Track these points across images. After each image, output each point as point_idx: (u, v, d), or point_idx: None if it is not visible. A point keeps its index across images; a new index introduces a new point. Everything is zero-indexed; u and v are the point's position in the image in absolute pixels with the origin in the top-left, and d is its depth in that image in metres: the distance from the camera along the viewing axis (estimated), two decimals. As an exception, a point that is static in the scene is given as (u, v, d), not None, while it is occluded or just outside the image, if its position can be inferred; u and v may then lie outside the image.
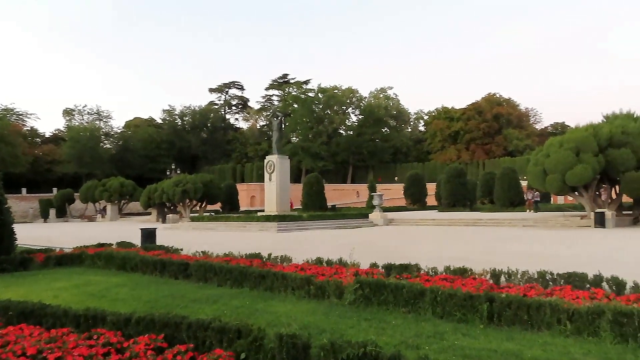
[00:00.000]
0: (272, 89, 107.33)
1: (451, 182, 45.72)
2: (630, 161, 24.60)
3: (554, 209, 36.58)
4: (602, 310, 6.19)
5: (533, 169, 27.41)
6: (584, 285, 8.06)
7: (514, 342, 6.06)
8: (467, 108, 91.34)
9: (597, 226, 24.56)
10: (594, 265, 9.87)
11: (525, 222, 28.38)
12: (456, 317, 7.12)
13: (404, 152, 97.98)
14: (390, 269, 9.82)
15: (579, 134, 25.73)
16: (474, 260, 11.93)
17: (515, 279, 8.85)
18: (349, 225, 31.48)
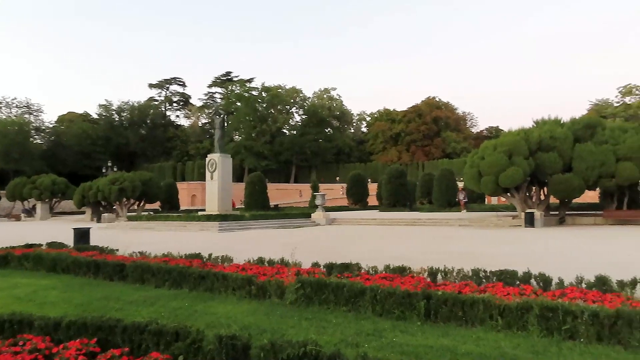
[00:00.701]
0: (215, 86, 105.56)
1: (392, 182, 46.68)
2: (557, 164, 26.06)
3: (488, 209, 38.16)
4: (530, 305, 6.53)
5: (469, 171, 28.46)
6: (515, 282, 8.47)
7: (449, 338, 6.27)
8: (408, 110, 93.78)
9: (527, 226, 25.84)
10: (524, 263, 10.40)
11: (462, 221, 29.44)
12: (395, 315, 7.28)
13: (347, 153, 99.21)
14: (332, 269, 9.90)
15: (511, 138, 26.96)
16: (413, 259, 12.25)
17: (451, 276, 9.17)
18: (292, 225, 31.48)
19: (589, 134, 26.79)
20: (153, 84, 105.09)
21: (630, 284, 7.75)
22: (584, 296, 7.10)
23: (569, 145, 26.22)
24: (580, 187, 25.97)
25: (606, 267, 9.51)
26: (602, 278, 7.95)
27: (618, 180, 25.40)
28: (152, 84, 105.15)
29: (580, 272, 8.58)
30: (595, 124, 27.93)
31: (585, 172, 25.36)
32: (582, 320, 6.14)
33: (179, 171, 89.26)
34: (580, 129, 27.14)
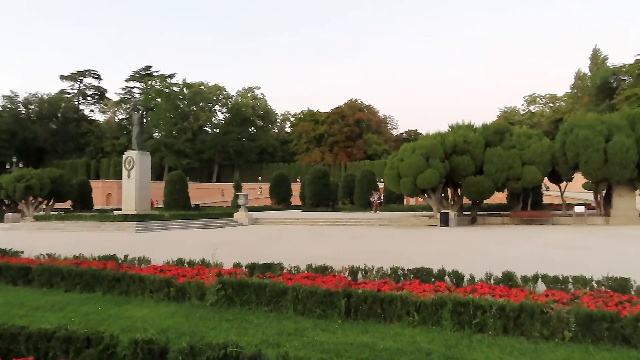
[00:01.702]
0: (133, 80, 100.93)
1: (315, 183, 47.11)
2: (470, 167, 27.56)
3: (406, 210, 39.60)
4: (444, 301, 6.85)
5: (389, 172, 29.34)
6: (430, 279, 8.84)
7: (369, 335, 6.43)
8: (331, 112, 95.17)
9: (442, 225, 27.10)
10: (439, 261, 10.88)
11: (381, 221, 30.30)
12: (316, 314, 7.35)
13: (270, 153, 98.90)
14: (254, 269, 9.82)
15: (428, 142, 28.13)
16: (334, 258, 12.43)
17: (371, 275, 9.40)
18: (213, 225, 30.87)
19: (498, 139, 28.54)
20: (65, 76, 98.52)
21: (532, 279, 8.35)
22: (493, 291, 7.54)
23: (480, 149, 27.79)
24: (490, 189, 27.62)
25: (512, 264, 10.18)
26: (508, 274, 8.50)
27: (523, 183, 27.29)
28: (64, 76, 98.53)
29: (490, 268, 9.11)
30: (504, 130, 29.81)
31: (495, 174, 26.99)
32: (491, 314, 6.53)
33: (94, 168, 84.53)
34: (490, 134, 28.84)
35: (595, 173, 25.28)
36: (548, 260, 12.68)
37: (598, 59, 77.48)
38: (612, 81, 69.75)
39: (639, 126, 25.17)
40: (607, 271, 8.50)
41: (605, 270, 8.63)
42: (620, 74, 68.74)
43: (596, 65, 76.98)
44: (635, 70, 62.46)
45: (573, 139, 25.68)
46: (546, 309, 6.41)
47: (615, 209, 26.41)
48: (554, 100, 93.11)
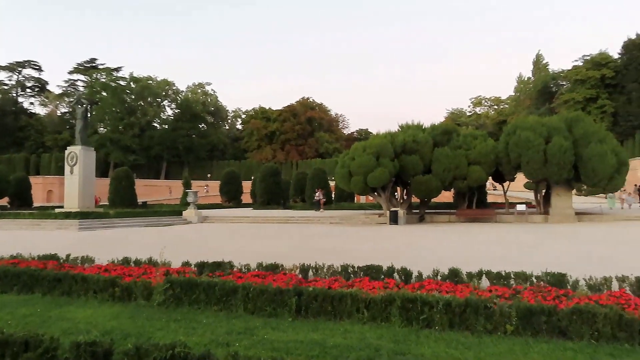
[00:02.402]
0: (77, 73, 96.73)
1: (266, 180, 46.84)
2: (419, 166, 28.18)
3: (356, 208, 40.01)
4: (393, 298, 6.98)
5: (340, 171, 29.58)
6: (380, 276, 8.98)
7: (319, 332, 6.46)
8: (283, 110, 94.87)
9: (391, 223, 27.59)
10: (388, 258, 11.07)
11: (332, 219, 30.52)
12: (267, 312, 7.33)
13: (221, 150, 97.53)
14: (203, 267, 9.66)
15: (379, 141, 28.54)
16: (285, 256, 12.40)
17: (322, 273, 9.45)
18: (162, 223, 30.15)
19: (446, 140, 29.31)
20: (2, 66, 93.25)
21: (477, 275, 8.64)
22: (439, 287, 7.75)
23: (429, 149, 28.46)
24: (438, 188, 28.34)
25: (458, 261, 10.50)
26: (454, 270, 8.76)
27: (469, 182, 28.17)
28: (0, 66, 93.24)
29: (437, 265, 9.36)
30: (452, 130, 30.66)
31: (443, 174, 27.72)
32: (438, 310, 6.71)
33: (33, 164, 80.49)
34: (438, 135, 29.58)
35: (536, 173, 26.42)
36: (492, 257, 13.15)
37: (540, 64, 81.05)
38: (551, 86, 73.14)
39: (575, 129, 26.50)
40: (545, 267, 8.91)
41: (544, 266, 9.05)
42: (559, 79, 72.18)
43: (538, 70, 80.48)
44: (572, 76, 65.68)
45: (516, 140, 26.72)
46: (490, 304, 6.65)
47: (554, 207, 27.71)
48: (498, 103, 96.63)
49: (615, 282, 8.04)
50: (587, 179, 26.25)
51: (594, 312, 6.19)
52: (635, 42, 60.97)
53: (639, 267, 9.57)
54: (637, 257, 13.05)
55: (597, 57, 64.13)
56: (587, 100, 62.50)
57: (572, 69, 67.32)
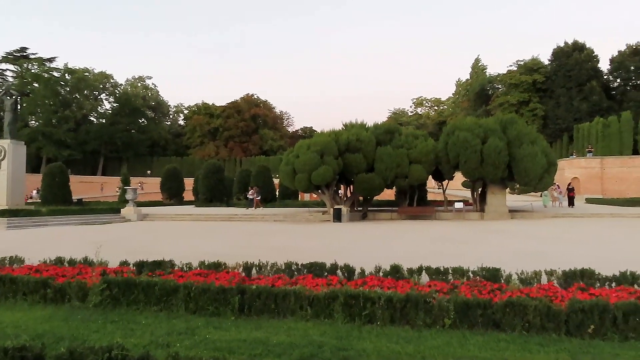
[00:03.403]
0: (5, 62, 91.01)
1: (209, 177, 46.02)
2: (362, 164, 28.59)
3: (300, 206, 40.06)
4: (336, 294, 7.05)
5: (284, 168, 29.53)
6: (323, 273, 9.05)
7: (262, 331, 6.43)
8: (227, 106, 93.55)
9: (335, 221, 27.85)
10: (332, 255, 11.17)
11: (276, 217, 30.43)
12: (209, 311, 7.21)
13: (162, 146, 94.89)
14: (142, 267, 9.39)
15: (323, 139, 28.72)
16: (229, 254, 12.25)
17: (266, 270, 9.41)
18: (98, 221, 28.96)
19: (388, 139, 29.90)
20: None
21: (417, 271, 8.88)
22: (381, 284, 7.91)
23: (372, 147, 28.93)
24: (380, 186, 28.88)
25: (399, 257, 10.75)
26: (395, 267, 8.96)
27: (410, 180, 28.90)
28: None
29: (379, 262, 9.54)
30: (394, 130, 31.31)
31: (385, 172, 28.27)
32: (379, 306, 6.85)
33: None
34: (381, 134, 30.13)
35: (473, 172, 27.48)
36: (431, 253, 13.55)
37: (478, 68, 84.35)
38: (488, 89, 76.24)
39: (509, 130, 27.76)
40: (481, 262, 9.29)
41: (480, 261, 9.43)
42: (495, 83, 75.36)
43: (476, 74, 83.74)
44: (507, 79, 68.75)
45: (454, 141, 27.65)
46: (429, 298, 6.85)
47: (489, 205, 28.92)
48: (438, 104, 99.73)
49: (544, 276, 8.50)
50: (519, 178, 27.56)
51: (525, 304, 6.52)
52: (564, 49, 64.61)
53: (566, 262, 10.15)
54: (564, 251, 13.86)
55: (529, 63, 67.46)
56: (520, 103, 65.66)
57: (506, 73, 70.46)
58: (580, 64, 61.90)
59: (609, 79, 64.68)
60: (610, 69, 64.08)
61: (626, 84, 62.45)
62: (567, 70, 62.59)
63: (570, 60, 62.80)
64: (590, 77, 61.44)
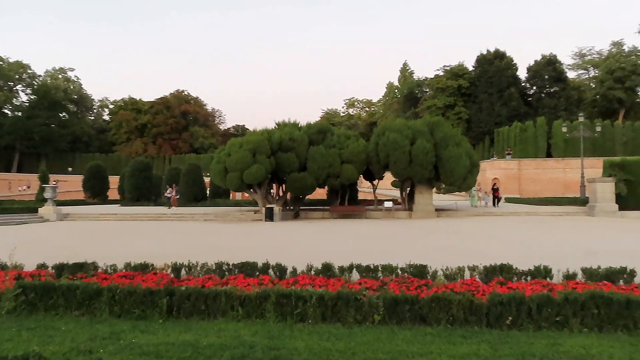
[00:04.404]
0: None
1: (136, 176, 44.33)
2: (295, 164, 28.65)
3: (232, 204, 39.52)
4: (268, 294, 7.03)
5: (216, 167, 29.01)
6: (255, 273, 8.99)
7: (192, 333, 6.29)
8: (155, 102, 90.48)
9: (267, 220, 27.71)
10: (264, 255, 11.10)
11: (207, 216, 29.82)
12: (135, 315, 6.96)
13: (85, 142, 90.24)
14: (62, 269, 8.89)
15: (256, 137, 28.50)
16: (157, 255, 11.87)
17: (195, 271, 9.20)
18: (12, 221, 27.05)
19: (321, 138, 30.16)
20: None
21: (348, 269, 9.03)
22: (313, 282, 7.97)
23: (305, 147, 29.06)
24: (312, 185, 29.08)
25: (331, 255, 10.86)
26: (327, 265, 9.06)
27: (342, 180, 29.32)
28: None
29: (311, 260, 9.60)
30: (326, 129, 31.62)
31: (317, 171, 28.50)
32: (311, 304, 6.90)
33: None
34: (314, 133, 30.34)
35: (402, 172, 28.32)
36: (362, 251, 13.82)
37: (406, 72, 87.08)
38: (417, 92, 78.84)
39: (436, 132, 28.87)
40: (409, 259, 9.59)
41: (408, 258, 9.73)
42: (423, 86, 78.06)
43: (404, 77, 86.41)
44: (434, 84, 71.43)
45: (384, 141, 28.36)
46: (359, 296, 6.99)
47: (417, 204, 29.92)
48: (369, 105, 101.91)
49: (467, 272, 8.92)
50: (445, 178, 28.72)
51: (450, 299, 6.82)
52: (486, 57, 68.04)
53: (488, 257, 10.71)
54: (486, 247, 14.61)
55: (455, 69, 70.45)
56: (447, 106, 68.43)
57: (434, 77, 73.19)
58: (501, 71, 65.43)
59: (526, 87, 68.81)
60: (527, 77, 68.21)
61: (541, 92, 66.73)
62: (489, 76, 65.96)
63: (492, 67, 66.22)
64: (510, 84, 65.12)
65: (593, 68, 75.42)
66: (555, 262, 9.38)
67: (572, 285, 7.56)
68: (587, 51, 77.02)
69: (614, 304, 6.65)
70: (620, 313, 6.63)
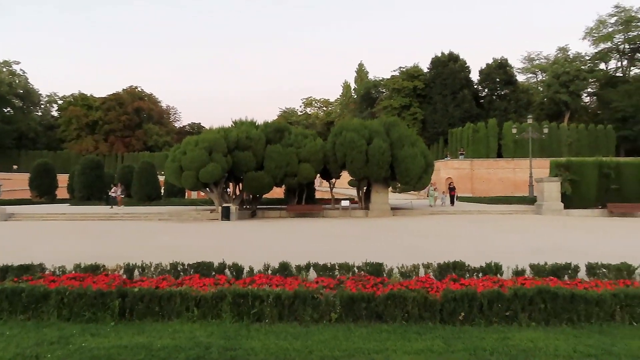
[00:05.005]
0: None
1: (87, 174, 42.87)
2: (252, 163, 28.44)
3: (188, 204, 38.83)
4: (224, 294, 6.95)
5: (170, 165, 28.44)
6: (211, 273, 8.86)
7: (145, 335, 6.14)
8: (107, 98, 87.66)
9: (223, 219, 27.38)
10: (220, 254, 10.98)
11: (161, 215, 29.18)
12: (85, 318, 6.74)
13: (32, 138, 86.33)
14: (7, 272, 8.49)
15: (212, 136, 28.10)
16: (108, 256, 11.53)
17: (149, 272, 9.00)
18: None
19: (278, 137, 30.07)
20: None
21: (305, 268, 9.05)
22: (270, 281, 7.94)
23: (262, 145, 28.89)
24: (270, 184, 28.96)
25: (288, 255, 10.85)
26: (284, 264, 9.05)
27: (299, 179, 29.33)
28: None
29: (268, 259, 9.57)
30: (284, 128, 31.55)
31: (274, 170, 28.40)
32: (268, 303, 6.87)
33: None
34: (271, 132, 30.21)
35: (359, 171, 28.60)
36: (319, 250, 13.87)
37: (362, 72, 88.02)
38: (373, 92, 79.76)
39: (392, 132, 29.32)
40: (366, 257, 9.70)
41: (365, 257, 9.84)
42: (380, 87, 79.06)
43: (360, 78, 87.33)
44: (390, 85, 72.43)
45: (342, 141, 28.57)
46: (316, 294, 7.02)
47: (373, 203, 30.30)
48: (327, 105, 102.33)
49: (422, 269, 9.10)
50: (401, 178, 29.19)
51: (405, 296, 6.94)
52: (441, 59, 69.61)
53: (441, 255, 10.96)
54: (440, 245, 14.95)
55: (411, 70, 71.69)
56: (402, 107, 69.56)
57: (390, 78, 74.22)
58: (454, 73, 67.10)
59: (479, 89, 70.88)
60: (479, 79, 70.27)
61: (492, 94, 68.89)
62: (444, 78, 67.51)
63: (446, 69, 67.81)
64: (463, 86, 66.89)
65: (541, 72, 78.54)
66: (505, 259, 9.71)
67: (521, 281, 7.84)
68: (536, 55, 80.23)
69: (560, 299, 6.95)
70: (565, 307, 6.94)
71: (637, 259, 9.89)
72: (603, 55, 71.54)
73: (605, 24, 69.03)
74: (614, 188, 28.85)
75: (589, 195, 29.22)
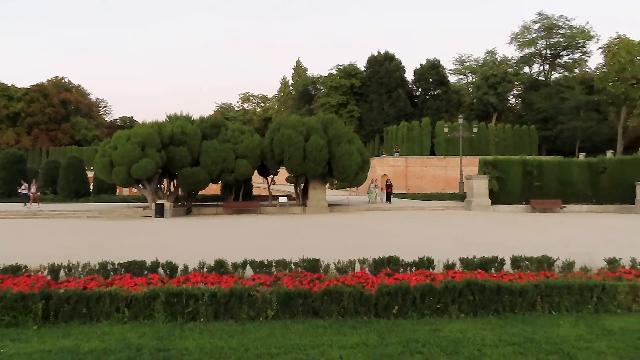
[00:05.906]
0: None
1: (7, 169, 40.22)
2: (187, 158, 27.79)
3: (119, 200, 37.34)
4: (157, 293, 6.75)
5: (100, 160, 27.24)
6: (143, 272, 8.58)
7: (71, 338, 5.87)
8: (30, 89, 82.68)
9: (157, 216, 26.56)
10: (153, 253, 10.63)
11: (90, 213, 27.89)
12: (5, 322, 6.33)
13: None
14: None
15: (145, 130, 27.17)
16: (31, 256, 10.86)
17: (76, 272, 8.59)
18: None
19: (214, 133, 29.55)
20: None
21: (241, 265, 8.95)
22: (205, 279, 7.79)
23: (197, 141, 28.28)
24: (206, 180, 28.41)
25: (224, 252, 10.69)
26: (220, 262, 8.91)
27: (236, 175, 28.97)
28: None
29: (203, 257, 9.38)
30: (220, 124, 31.05)
31: (211, 166, 27.89)
32: (203, 302, 6.75)
33: None
34: (207, 127, 29.64)
35: (296, 168, 28.65)
36: (255, 247, 13.78)
37: (300, 69, 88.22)
38: (311, 89, 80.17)
39: (330, 130, 29.59)
40: (302, 253, 9.73)
41: (302, 253, 9.87)
42: (318, 84, 79.59)
43: (298, 74, 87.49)
44: (328, 82, 73.12)
45: (279, 137, 28.50)
46: (253, 292, 6.97)
47: (311, 199, 30.48)
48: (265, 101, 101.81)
49: (358, 264, 9.25)
50: (338, 174, 29.55)
51: (341, 292, 7.04)
52: (377, 58, 71.05)
53: (377, 249, 11.19)
54: (375, 241, 15.28)
55: (348, 68, 72.66)
56: (340, 105, 70.41)
57: (328, 76, 74.88)
58: (390, 72, 68.68)
59: (413, 88, 73.00)
60: (414, 79, 72.36)
61: (426, 94, 71.20)
62: (380, 77, 68.93)
63: (382, 68, 69.27)
64: (398, 85, 68.64)
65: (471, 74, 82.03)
66: (437, 253, 10.05)
67: (452, 274, 8.15)
68: (466, 58, 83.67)
69: (487, 290, 7.29)
70: (492, 298, 7.30)
71: (556, 251, 10.56)
72: (527, 59, 75.82)
73: (530, 30, 73.21)
74: (536, 185, 30.61)
75: (514, 191, 30.84)
